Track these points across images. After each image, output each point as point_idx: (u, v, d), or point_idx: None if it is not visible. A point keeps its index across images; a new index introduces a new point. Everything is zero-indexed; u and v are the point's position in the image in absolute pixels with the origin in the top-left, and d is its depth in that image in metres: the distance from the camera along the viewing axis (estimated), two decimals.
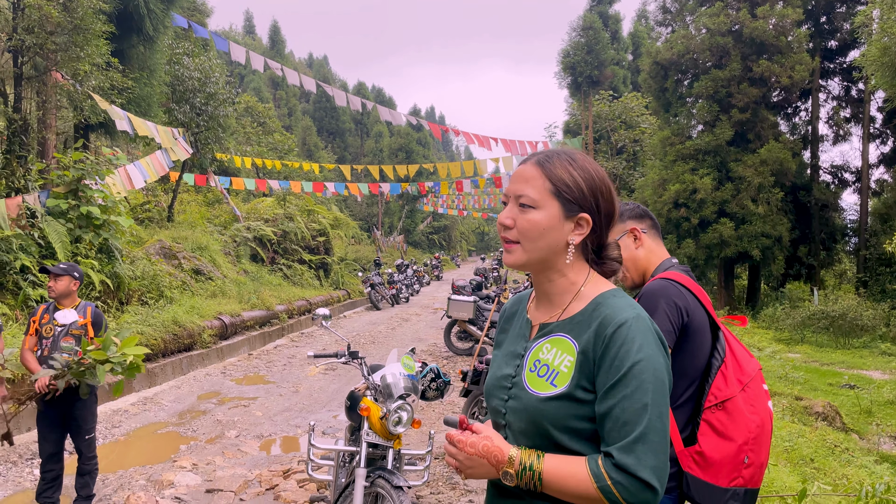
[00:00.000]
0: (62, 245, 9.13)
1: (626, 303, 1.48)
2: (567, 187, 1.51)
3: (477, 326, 11.88)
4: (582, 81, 30.44)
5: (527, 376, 1.53)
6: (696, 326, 2.30)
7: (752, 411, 2.21)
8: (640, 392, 1.37)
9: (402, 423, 3.78)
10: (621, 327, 1.42)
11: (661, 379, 1.39)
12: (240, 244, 17.39)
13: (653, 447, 1.35)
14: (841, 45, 22.34)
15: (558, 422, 1.44)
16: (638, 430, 1.35)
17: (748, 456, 2.18)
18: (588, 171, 1.54)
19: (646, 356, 1.39)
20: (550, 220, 1.51)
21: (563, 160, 1.54)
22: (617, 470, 1.34)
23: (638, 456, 1.34)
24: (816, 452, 6.60)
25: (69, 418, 4.62)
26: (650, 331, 1.43)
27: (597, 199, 1.53)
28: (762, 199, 19.14)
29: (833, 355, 13.90)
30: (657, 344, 1.43)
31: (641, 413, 1.36)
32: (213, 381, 9.68)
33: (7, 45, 10.22)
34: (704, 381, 2.28)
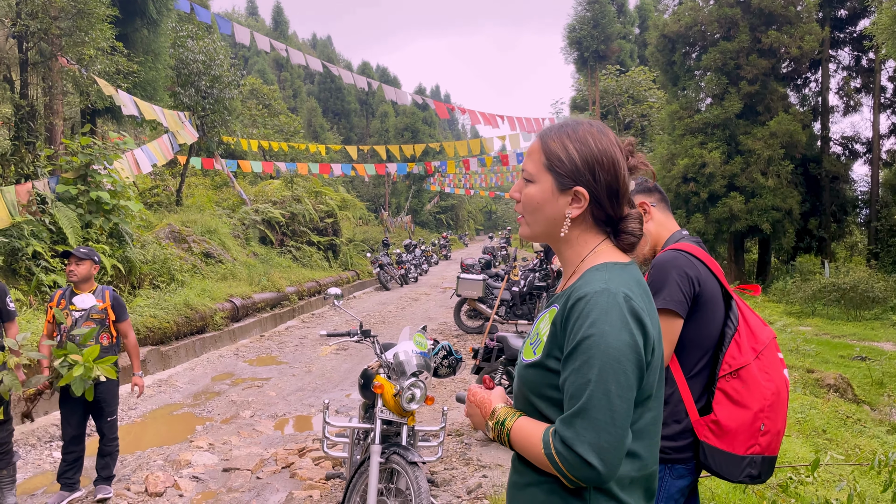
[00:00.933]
0: (73, 230, 9.17)
1: (599, 276, 1.45)
2: (559, 161, 1.51)
3: (486, 304, 11.90)
4: (588, 56, 30.17)
5: (525, 344, 1.59)
6: (709, 296, 2.31)
7: (767, 379, 2.22)
8: (585, 367, 1.36)
9: (415, 399, 3.81)
10: (580, 301, 1.42)
11: (614, 357, 1.35)
12: (248, 227, 17.43)
13: (593, 424, 1.33)
14: (851, 14, 22.02)
15: (534, 388, 1.50)
16: (579, 405, 1.35)
17: (764, 423, 2.19)
18: (587, 143, 1.51)
19: (597, 332, 1.36)
20: (543, 194, 1.53)
21: (562, 133, 1.54)
22: (560, 441, 1.36)
23: (576, 430, 1.34)
24: (829, 424, 6.62)
25: (92, 401, 4.67)
26: (614, 306, 1.39)
27: (594, 172, 1.50)
28: (772, 171, 19.00)
29: (844, 328, 13.88)
30: (621, 320, 1.38)
31: (584, 388, 1.35)
32: (227, 363, 9.77)
33: (12, 31, 10.21)
34: (718, 351, 2.28)
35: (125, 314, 4.90)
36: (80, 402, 4.67)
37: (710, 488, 4.40)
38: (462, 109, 20.99)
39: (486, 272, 13.97)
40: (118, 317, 4.83)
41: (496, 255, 26.59)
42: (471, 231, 63.60)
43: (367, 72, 55.03)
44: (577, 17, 30.61)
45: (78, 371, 4.25)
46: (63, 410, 4.71)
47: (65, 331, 4.63)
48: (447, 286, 19.88)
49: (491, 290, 12.01)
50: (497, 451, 5.75)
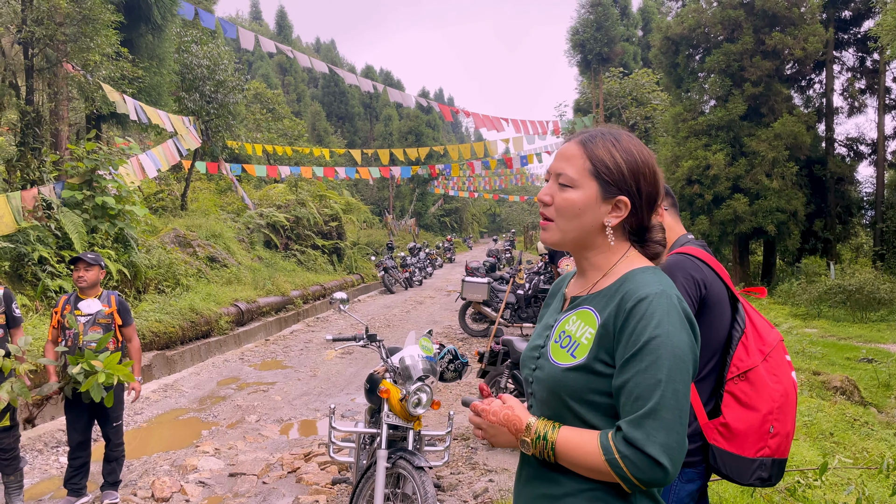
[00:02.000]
0: (79, 236, 9.20)
1: (652, 279, 1.46)
2: (607, 168, 1.50)
3: (491, 308, 11.89)
4: (592, 59, 30.15)
5: (551, 347, 1.54)
6: (715, 298, 2.31)
7: (776, 381, 2.21)
8: (654, 367, 1.35)
9: (421, 404, 3.80)
10: (641, 302, 1.40)
11: (679, 356, 1.36)
12: (253, 231, 17.46)
13: (664, 424, 1.33)
14: (855, 15, 21.97)
15: (575, 393, 1.45)
16: (649, 405, 1.33)
17: (773, 425, 2.18)
18: (632, 153, 1.52)
19: (664, 332, 1.37)
20: (587, 201, 1.51)
21: (606, 140, 1.53)
22: (626, 444, 1.34)
23: (647, 431, 1.32)
24: (836, 426, 6.60)
25: (97, 406, 4.67)
26: (674, 308, 1.40)
27: (638, 182, 1.51)
28: (776, 173, 18.95)
29: (850, 329, 13.83)
30: (681, 321, 1.40)
31: (654, 388, 1.34)
32: (232, 367, 9.78)
33: (17, 37, 10.25)
34: (726, 353, 2.28)
35: (130, 318, 4.92)
36: (86, 408, 4.67)
37: (718, 492, 4.38)
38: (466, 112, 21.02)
39: (490, 275, 13.97)
40: (124, 321, 4.85)
41: (501, 258, 26.59)
42: (475, 234, 63.60)
43: (371, 75, 55.13)
44: (580, 19, 30.60)
45: (100, 378, 4.26)
46: (69, 416, 4.71)
47: (70, 336, 4.63)
48: (452, 289, 19.87)
49: (496, 293, 12.00)
50: (503, 455, 5.75)
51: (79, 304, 4.71)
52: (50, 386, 4.46)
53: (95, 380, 4.28)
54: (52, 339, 4.73)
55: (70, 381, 4.43)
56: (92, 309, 4.70)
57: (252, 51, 17.86)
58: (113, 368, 4.35)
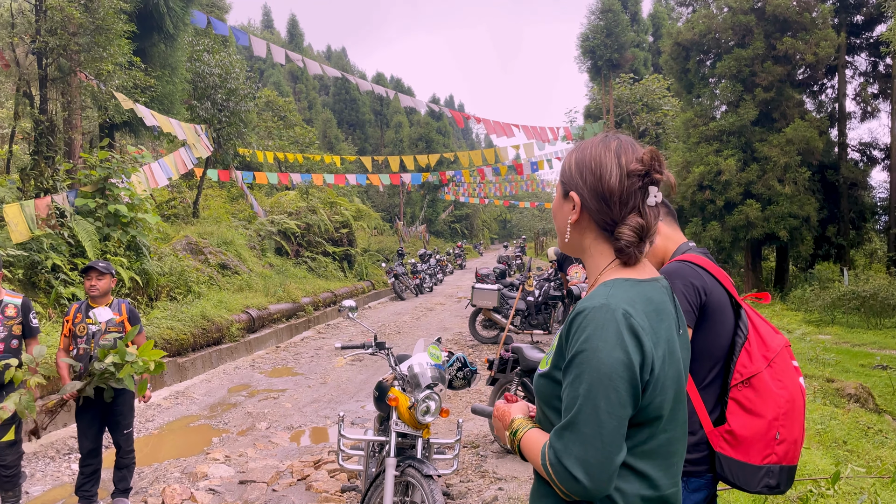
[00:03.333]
0: (91, 243, 9.27)
1: (601, 292, 1.44)
2: (563, 170, 1.61)
3: (501, 314, 11.87)
4: (602, 65, 30.12)
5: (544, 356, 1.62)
6: (716, 305, 2.30)
7: (781, 386, 2.19)
8: (577, 381, 1.38)
9: (430, 412, 3.80)
10: (578, 315, 1.43)
11: (604, 373, 1.34)
12: (264, 238, 17.54)
13: (581, 437, 1.34)
14: (867, 20, 21.84)
15: (545, 398, 1.53)
16: (568, 417, 1.37)
17: (780, 432, 2.17)
18: (584, 150, 1.57)
19: (590, 347, 1.36)
20: (557, 203, 1.63)
21: (579, 146, 1.61)
22: (552, 452, 1.39)
23: (565, 442, 1.37)
24: (849, 435, 6.53)
25: (108, 414, 4.70)
26: (610, 322, 1.37)
27: (582, 176, 1.53)
28: (789, 178, 18.84)
29: (864, 336, 13.70)
30: (616, 336, 1.36)
31: (574, 401, 1.37)
32: (243, 374, 9.81)
33: (31, 48, 10.37)
34: (730, 360, 2.27)
35: (141, 326, 4.95)
36: (97, 416, 4.70)
37: (730, 502, 4.35)
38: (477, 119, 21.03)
39: (500, 282, 13.95)
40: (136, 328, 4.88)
41: (511, 265, 26.54)
42: (485, 240, 63.55)
43: (382, 82, 55.32)
44: (590, 26, 30.60)
45: (134, 368, 4.31)
46: (80, 424, 4.73)
47: (83, 343, 4.66)
48: (462, 296, 19.86)
49: (506, 300, 11.98)
50: (513, 463, 5.73)
51: (90, 312, 4.75)
52: (72, 385, 4.45)
53: (130, 370, 4.31)
54: (63, 348, 4.76)
55: (93, 379, 4.42)
56: (103, 317, 4.74)
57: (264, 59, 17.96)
58: (147, 354, 4.38)
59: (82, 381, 4.49)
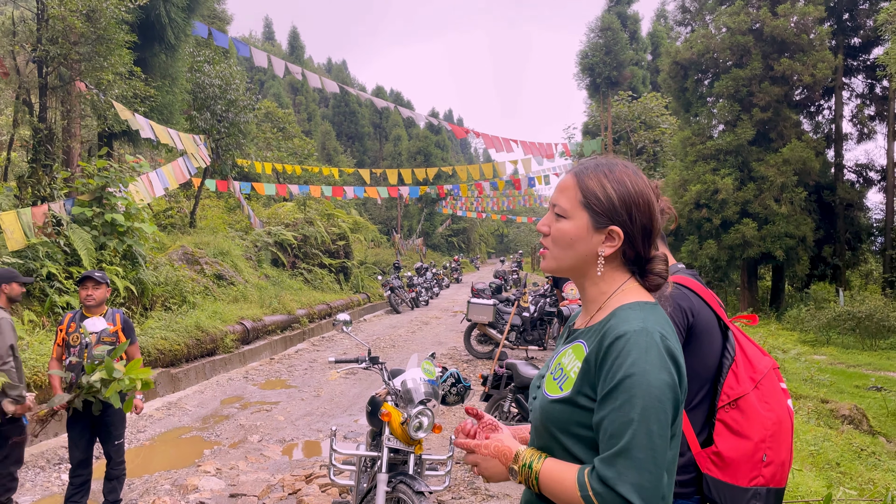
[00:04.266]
0: (87, 252, 9.26)
1: (636, 315, 1.45)
2: (597, 199, 1.52)
3: (497, 330, 11.86)
4: (601, 82, 30.29)
5: (546, 378, 1.58)
6: (703, 327, 2.30)
7: (768, 408, 2.20)
8: (627, 406, 1.35)
9: (423, 428, 3.79)
10: (619, 339, 1.41)
11: (655, 396, 1.35)
12: (261, 249, 17.53)
13: (636, 463, 1.33)
14: (864, 43, 22.04)
15: (561, 424, 1.48)
16: (621, 444, 1.34)
17: (766, 454, 2.17)
18: (624, 182, 1.53)
19: (639, 371, 1.36)
20: (578, 231, 1.54)
21: (599, 171, 1.55)
22: (599, 482, 1.35)
23: (618, 470, 1.33)
24: (842, 456, 6.52)
25: (99, 424, 4.68)
26: (653, 345, 1.39)
27: (630, 212, 1.52)
28: (785, 198, 18.93)
29: (859, 357, 13.71)
30: (660, 360, 1.38)
31: (626, 427, 1.34)
32: (236, 386, 9.77)
33: (32, 56, 10.40)
34: (717, 382, 2.27)
35: (134, 337, 4.94)
36: (88, 426, 4.67)
37: None
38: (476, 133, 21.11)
39: (496, 297, 13.94)
40: (129, 339, 4.87)
41: (507, 280, 26.54)
42: (482, 254, 63.60)
43: (382, 96, 55.56)
44: (589, 43, 30.80)
45: (123, 384, 4.28)
46: (71, 434, 4.70)
47: (75, 353, 4.64)
48: (458, 310, 19.84)
49: (501, 315, 11.98)
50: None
51: (84, 321, 4.73)
52: (60, 398, 4.44)
53: (116, 387, 4.29)
54: (56, 357, 4.75)
55: (81, 392, 4.41)
56: (97, 327, 4.72)
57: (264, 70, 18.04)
58: (135, 373, 4.36)
59: (72, 392, 4.48)
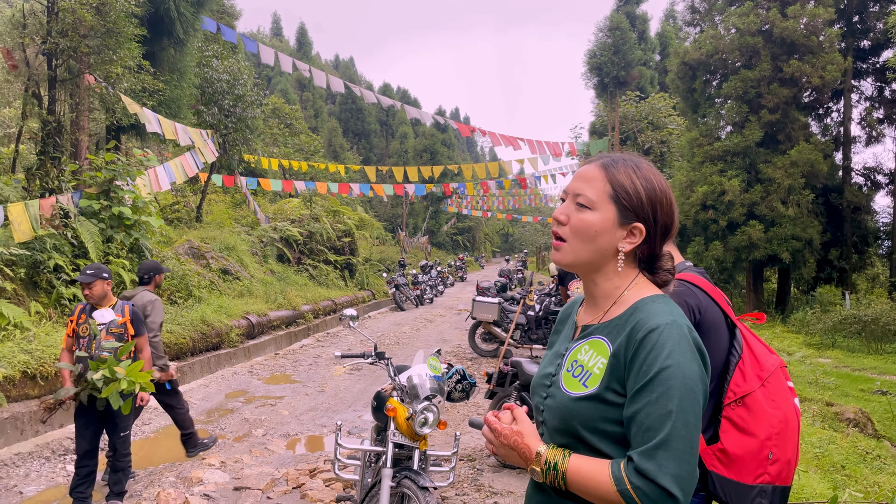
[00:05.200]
0: (94, 245, 9.29)
1: (662, 308, 1.46)
2: (627, 194, 1.52)
3: (501, 328, 11.86)
4: (608, 82, 30.26)
5: (563, 376, 1.55)
6: (710, 324, 2.30)
7: (774, 406, 2.19)
8: (664, 398, 1.35)
9: (428, 424, 3.79)
10: (652, 332, 1.41)
11: (689, 387, 1.36)
12: (266, 244, 17.55)
13: (675, 454, 1.33)
14: (874, 45, 21.93)
15: (587, 422, 1.46)
16: (660, 436, 1.34)
17: (772, 451, 2.16)
18: (651, 181, 1.54)
19: (674, 363, 1.37)
20: (604, 224, 1.52)
21: (628, 166, 1.55)
22: (637, 475, 1.34)
23: (659, 462, 1.33)
24: (847, 459, 6.50)
25: (106, 415, 4.70)
26: (684, 338, 1.40)
27: (655, 210, 1.52)
28: (792, 201, 18.86)
29: (865, 360, 13.66)
30: (691, 352, 1.40)
31: (665, 419, 1.34)
32: (241, 380, 9.79)
33: (42, 49, 10.43)
34: (723, 379, 2.27)
35: (143, 329, 4.96)
36: (95, 417, 4.70)
37: None
38: (483, 131, 21.10)
39: (501, 295, 13.94)
40: (137, 331, 4.89)
41: (512, 278, 26.53)
42: (487, 253, 63.58)
43: (388, 93, 55.54)
44: (597, 43, 30.76)
45: (122, 385, 4.29)
46: (78, 424, 4.73)
47: (84, 344, 4.67)
48: (462, 308, 19.84)
49: (506, 314, 11.97)
50: (509, 477, 5.71)
51: (93, 313, 4.77)
52: (66, 390, 4.49)
53: (116, 387, 4.31)
54: (66, 348, 4.80)
55: (87, 386, 4.45)
56: (105, 318, 4.75)
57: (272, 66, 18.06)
58: (135, 376, 4.38)
59: (80, 385, 4.51)
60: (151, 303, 5.94)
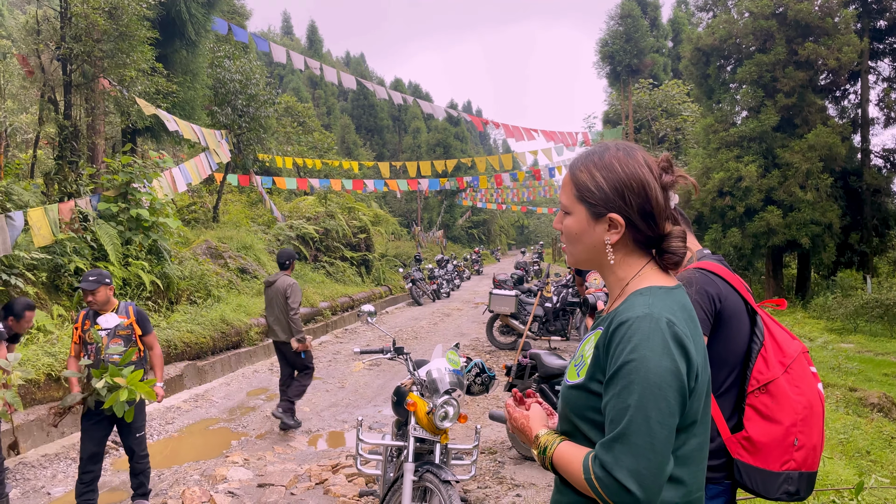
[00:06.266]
0: (114, 247, 9.38)
1: (643, 301, 1.45)
2: (589, 190, 1.53)
3: (519, 321, 11.84)
4: (621, 70, 30.06)
5: (570, 365, 1.59)
6: (731, 312, 2.29)
7: (798, 392, 2.18)
8: (625, 392, 1.36)
9: (448, 417, 3.80)
10: (621, 326, 1.41)
11: (654, 382, 1.34)
12: (283, 242, 17.64)
13: (632, 449, 1.32)
14: (891, 25, 21.57)
15: (577, 410, 1.50)
16: (618, 430, 1.35)
17: (798, 438, 2.15)
18: (613, 168, 1.51)
19: (638, 357, 1.36)
20: (580, 225, 1.56)
21: (588, 162, 1.56)
22: (599, 466, 1.36)
23: (615, 455, 1.34)
24: (873, 444, 6.44)
25: (118, 418, 4.67)
26: (656, 332, 1.38)
27: (623, 197, 1.50)
28: (811, 185, 18.64)
29: (888, 345, 13.49)
30: (663, 346, 1.37)
31: (623, 413, 1.35)
32: (261, 378, 9.86)
33: (56, 54, 10.54)
34: (746, 367, 2.26)
35: (150, 326, 4.96)
36: (107, 418, 4.65)
37: None
38: (496, 124, 21.05)
39: (518, 287, 13.92)
40: (144, 330, 4.90)
41: (529, 271, 26.48)
42: (503, 246, 63.50)
43: (400, 88, 55.48)
44: (609, 31, 30.54)
45: (123, 395, 4.30)
46: (86, 425, 4.65)
47: (93, 350, 4.64)
48: (479, 301, 19.84)
49: (523, 306, 11.96)
50: (531, 469, 5.71)
51: (98, 318, 4.73)
52: (73, 397, 4.46)
53: (118, 396, 4.31)
54: (74, 355, 4.77)
55: (94, 392, 4.45)
56: (111, 323, 4.72)
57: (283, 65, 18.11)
58: (136, 385, 4.37)
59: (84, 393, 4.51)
60: (291, 286, 7.14)
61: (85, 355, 4.68)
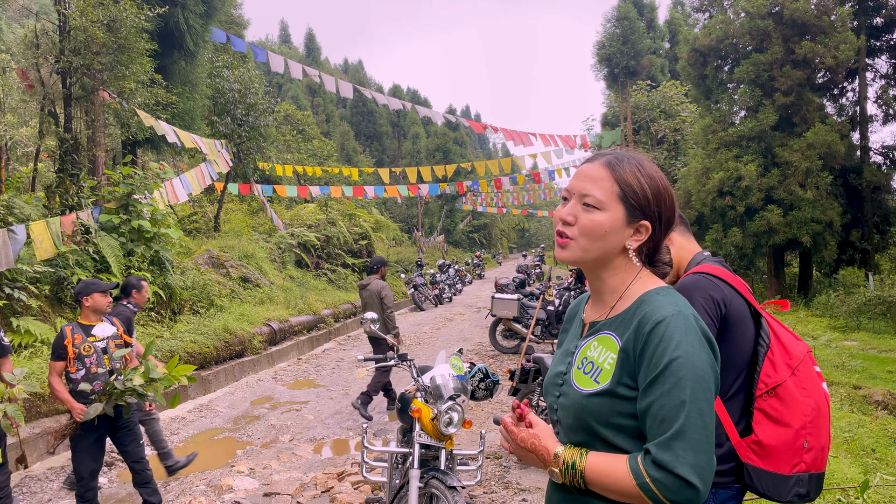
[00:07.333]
0: (116, 259, 9.40)
1: (668, 300, 1.48)
2: (634, 193, 1.53)
3: (522, 324, 11.85)
4: (619, 73, 30.07)
5: (574, 373, 1.56)
6: (736, 316, 2.29)
7: (806, 394, 2.19)
8: (677, 389, 1.36)
9: (453, 423, 3.81)
10: (659, 325, 1.42)
11: (701, 376, 1.37)
12: (284, 250, 17.67)
13: (692, 444, 1.34)
14: (887, 22, 21.60)
15: (602, 418, 1.47)
16: (675, 427, 1.35)
17: (807, 440, 2.16)
18: (654, 179, 1.56)
19: (684, 353, 1.38)
20: (613, 224, 1.53)
21: (632, 165, 1.56)
22: (655, 467, 1.35)
23: (676, 453, 1.34)
24: (877, 442, 6.43)
25: (116, 429, 4.64)
26: (692, 328, 1.42)
27: (660, 207, 1.55)
28: (810, 183, 18.64)
29: (892, 342, 13.48)
30: (699, 341, 1.41)
31: (679, 410, 1.35)
32: (265, 387, 9.87)
33: (55, 67, 10.57)
34: (753, 370, 2.26)
35: (132, 328, 5.16)
36: (105, 433, 4.61)
37: None
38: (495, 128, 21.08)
39: (520, 291, 13.93)
40: (129, 333, 5.03)
41: (530, 274, 26.45)
42: (504, 249, 63.47)
43: (399, 94, 55.56)
44: (605, 33, 30.57)
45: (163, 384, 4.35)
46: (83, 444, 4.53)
47: (94, 362, 4.58)
48: (482, 306, 19.84)
49: (526, 310, 11.96)
50: (537, 474, 5.71)
51: (92, 330, 4.67)
52: (95, 408, 4.37)
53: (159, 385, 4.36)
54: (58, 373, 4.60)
55: (112, 397, 4.40)
56: (107, 332, 4.71)
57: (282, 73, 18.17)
58: (176, 370, 4.41)
59: (100, 400, 4.41)
60: (384, 287, 8.21)
61: (83, 370, 4.55)
